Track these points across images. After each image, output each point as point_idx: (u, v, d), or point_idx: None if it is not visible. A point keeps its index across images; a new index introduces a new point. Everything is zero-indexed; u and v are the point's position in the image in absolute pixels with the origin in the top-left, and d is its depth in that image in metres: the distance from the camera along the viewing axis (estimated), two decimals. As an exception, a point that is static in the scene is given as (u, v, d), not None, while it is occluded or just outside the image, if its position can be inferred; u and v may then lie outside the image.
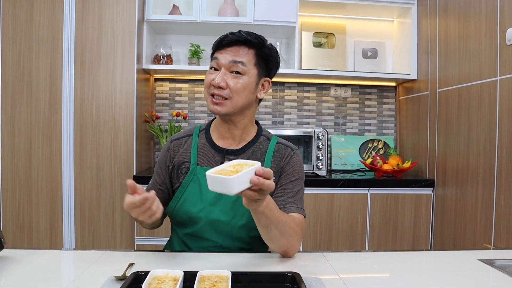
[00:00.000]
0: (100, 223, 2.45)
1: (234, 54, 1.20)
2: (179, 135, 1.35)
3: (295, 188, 1.25)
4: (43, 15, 2.40)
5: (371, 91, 3.20)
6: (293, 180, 1.26)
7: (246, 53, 1.21)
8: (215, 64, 1.22)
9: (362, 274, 1.07)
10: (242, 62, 1.20)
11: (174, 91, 3.06)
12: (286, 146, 1.31)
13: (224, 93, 1.19)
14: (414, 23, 2.86)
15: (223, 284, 0.83)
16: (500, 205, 1.96)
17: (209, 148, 1.28)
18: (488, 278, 1.01)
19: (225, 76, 1.19)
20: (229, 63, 1.19)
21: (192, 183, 1.24)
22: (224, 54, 1.21)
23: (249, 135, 1.30)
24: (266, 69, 1.27)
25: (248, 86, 1.22)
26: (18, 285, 0.91)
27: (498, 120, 1.98)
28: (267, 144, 1.31)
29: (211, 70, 1.23)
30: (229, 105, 1.20)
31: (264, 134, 1.33)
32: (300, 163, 1.30)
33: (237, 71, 1.20)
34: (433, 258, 1.22)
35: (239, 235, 1.25)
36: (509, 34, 1.90)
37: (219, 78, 1.18)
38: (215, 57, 1.22)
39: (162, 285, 0.82)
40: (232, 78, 1.19)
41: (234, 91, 1.19)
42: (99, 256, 1.11)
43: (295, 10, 2.72)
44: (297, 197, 1.24)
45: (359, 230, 2.56)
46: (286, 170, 1.27)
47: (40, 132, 2.41)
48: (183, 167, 1.27)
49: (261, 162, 1.21)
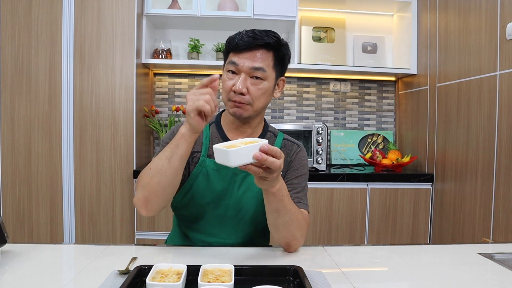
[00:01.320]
0: (100, 217, 2.45)
1: (254, 60, 1.16)
2: None
3: (301, 184, 1.26)
4: (42, 9, 2.38)
5: (371, 85, 3.20)
6: (299, 176, 1.27)
7: (265, 57, 1.18)
8: (234, 68, 1.18)
9: (362, 267, 1.07)
10: (263, 68, 1.17)
11: (174, 86, 3.06)
12: (292, 143, 1.33)
13: (246, 99, 1.17)
14: (414, 18, 2.86)
15: (226, 277, 0.84)
16: (499, 200, 1.97)
17: (220, 140, 1.27)
18: (488, 272, 1.02)
19: (245, 81, 1.17)
20: (250, 69, 1.16)
21: (200, 176, 1.24)
22: (243, 59, 1.17)
23: (256, 131, 1.31)
24: (282, 69, 1.26)
25: (267, 90, 1.21)
26: (22, 279, 0.91)
27: (498, 115, 1.99)
28: (274, 140, 1.32)
29: (228, 73, 1.20)
30: (250, 110, 1.20)
31: (270, 130, 1.34)
32: (305, 160, 1.32)
33: (257, 77, 1.18)
34: (432, 252, 1.23)
35: (244, 229, 1.26)
36: (509, 28, 1.90)
37: (240, 84, 1.15)
38: (233, 61, 1.18)
39: (165, 279, 0.82)
40: (252, 84, 1.17)
41: (255, 97, 1.18)
42: (101, 250, 1.12)
43: (295, 4, 2.71)
44: (303, 193, 1.26)
45: (359, 224, 2.57)
46: (293, 166, 1.28)
47: (40, 127, 2.41)
48: (195, 156, 1.26)
49: None
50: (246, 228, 1.26)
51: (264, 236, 1.26)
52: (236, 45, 1.18)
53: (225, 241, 1.26)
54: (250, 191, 1.24)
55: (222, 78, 1.23)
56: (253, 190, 1.25)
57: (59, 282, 0.91)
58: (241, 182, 1.25)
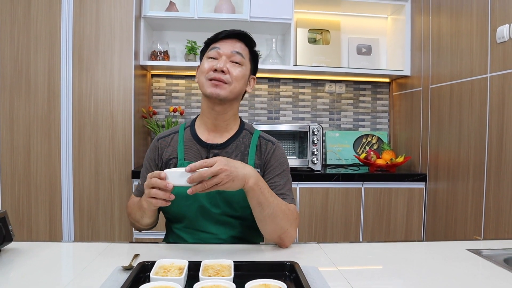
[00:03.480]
0: (98, 217, 2.48)
1: (234, 46, 1.30)
2: (165, 133, 1.41)
3: (282, 181, 1.31)
4: (41, 11, 2.41)
5: (365, 87, 3.25)
6: (279, 174, 1.32)
7: (243, 48, 1.33)
8: (215, 53, 1.29)
9: (356, 263, 1.12)
10: (242, 54, 1.30)
11: (171, 87, 3.09)
12: (267, 141, 1.37)
13: (225, 77, 1.26)
14: (408, 20, 2.91)
15: (225, 272, 0.88)
16: (489, 199, 2.02)
17: (194, 144, 1.34)
18: (475, 267, 1.07)
19: (226, 62, 1.27)
20: (231, 52, 1.29)
21: None
22: (224, 44, 1.30)
23: (232, 128, 1.37)
24: (255, 68, 1.39)
25: (244, 76, 1.31)
26: (29, 276, 0.95)
27: (488, 116, 2.04)
28: (250, 138, 1.36)
29: (208, 59, 1.30)
30: (228, 89, 1.27)
31: (246, 128, 1.39)
32: (283, 156, 1.37)
33: (236, 61, 1.29)
34: (423, 248, 1.28)
35: (231, 222, 1.30)
36: (499, 32, 1.95)
37: (221, 63, 1.26)
38: (216, 47, 1.30)
39: (168, 274, 0.86)
40: (232, 66, 1.28)
41: (234, 77, 1.28)
42: (104, 247, 1.15)
43: (291, 7, 2.76)
44: (286, 188, 1.31)
45: (353, 223, 2.62)
46: (271, 165, 1.33)
47: (39, 127, 2.44)
48: (171, 163, 1.33)
49: (245, 156, 1.31)
50: (233, 221, 1.30)
51: (256, 231, 1.31)
52: (218, 35, 1.31)
53: (217, 236, 1.29)
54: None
55: (201, 65, 1.33)
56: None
57: (65, 277, 0.94)
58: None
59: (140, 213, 1.22)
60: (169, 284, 0.77)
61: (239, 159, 1.31)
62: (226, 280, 0.79)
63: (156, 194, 1.05)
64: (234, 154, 1.32)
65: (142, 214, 1.21)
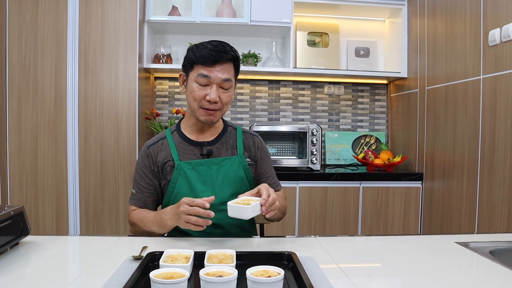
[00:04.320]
0: (104, 216, 2.55)
1: (223, 72, 1.37)
2: (153, 140, 1.52)
3: (272, 169, 1.57)
4: (48, 16, 2.49)
5: (364, 88, 3.33)
6: (268, 163, 1.56)
7: (230, 69, 1.39)
8: (205, 81, 1.35)
9: (350, 253, 1.19)
10: (230, 79, 1.39)
11: (174, 89, 3.17)
12: (251, 134, 1.56)
13: (217, 106, 1.38)
14: (405, 23, 2.98)
15: (228, 260, 0.95)
16: (483, 196, 2.09)
17: (186, 144, 1.46)
18: (461, 257, 1.14)
19: (217, 91, 1.36)
20: (221, 81, 1.36)
21: (180, 178, 1.42)
22: (214, 72, 1.35)
23: (218, 127, 1.51)
24: (236, 75, 1.47)
25: (232, 96, 1.44)
26: (47, 265, 1.02)
27: (481, 117, 2.11)
28: (235, 133, 1.53)
29: (198, 85, 1.36)
30: (219, 115, 1.42)
31: (230, 125, 1.55)
32: (265, 146, 1.60)
33: (225, 88, 1.39)
34: (414, 241, 1.35)
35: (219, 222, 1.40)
36: (491, 35, 2.02)
37: (214, 94, 1.35)
38: (205, 75, 1.35)
39: (175, 262, 0.94)
40: (222, 93, 1.38)
41: (225, 103, 1.41)
42: (115, 240, 1.23)
43: (290, 10, 2.83)
44: (273, 176, 1.58)
45: (352, 221, 2.69)
46: (262, 157, 1.54)
47: (46, 129, 2.51)
48: (167, 166, 1.43)
49: (235, 149, 1.46)
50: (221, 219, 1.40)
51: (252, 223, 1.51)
52: (205, 59, 1.34)
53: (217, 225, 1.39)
54: (227, 179, 1.43)
55: (190, 87, 1.38)
56: (229, 178, 1.43)
57: (81, 266, 1.02)
58: (217, 173, 1.42)
59: (157, 228, 1.31)
60: (177, 270, 0.84)
61: (229, 152, 1.46)
62: (229, 267, 0.86)
63: (197, 221, 1.16)
64: (224, 148, 1.47)
65: (160, 229, 1.30)
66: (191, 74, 1.39)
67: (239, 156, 1.46)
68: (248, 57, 3.01)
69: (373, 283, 0.96)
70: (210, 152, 1.43)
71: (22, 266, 1.01)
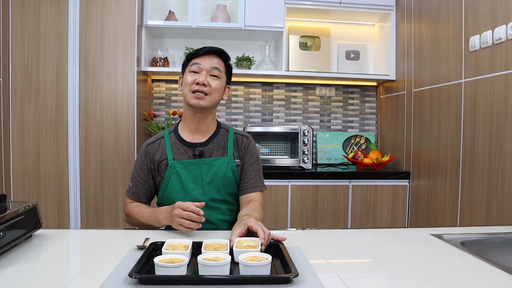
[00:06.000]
0: (104, 213, 2.66)
1: (212, 62, 1.54)
2: (152, 140, 1.65)
3: (255, 169, 1.61)
4: (50, 21, 2.59)
5: (354, 90, 3.45)
6: (252, 163, 1.61)
7: (220, 63, 1.57)
8: (196, 68, 1.53)
9: (333, 243, 1.30)
10: (219, 68, 1.55)
11: (170, 91, 3.28)
12: (242, 136, 1.65)
13: (206, 89, 1.51)
14: (393, 28, 3.10)
15: (223, 249, 1.06)
16: (464, 193, 2.22)
17: (181, 145, 1.58)
18: (434, 247, 1.25)
19: (206, 76, 1.51)
20: (210, 68, 1.53)
21: (172, 176, 1.54)
22: (204, 60, 1.53)
23: (211, 129, 1.62)
24: (229, 79, 1.63)
25: (221, 88, 1.57)
26: (60, 255, 1.13)
27: (463, 119, 2.23)
28: (227, 135, 1.63)
29: (190, 73, 1.54)
30: (208, 100, 1.52)
31: (223, 127, 1.66)
32: (255, 147, 1.67)
33: (215, 75, 1.53)
34: (392, 233, 1.47)
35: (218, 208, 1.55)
36: (471, 41, 2.15)
37: (202, 78, 1.50)
38: (197, 62, 1.53)
39: (176, 250, 1.05)
40: (212, 79, 1.53)
41: (213, 89, 1.52)
42: (119, 233, 1.34)
43: (283, 15, 2.95)
44: (257, 176, 1.61)
45: (342, 218, 2.81)
46: (246, 156, 1.61)
47: (48, 130, 2.61)
48: (162, 164, 1.56)
49: (225, 150, 1.57)
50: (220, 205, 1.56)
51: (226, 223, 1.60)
52: (198, 52, 1.55)
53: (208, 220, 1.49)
54: (216, 179, 1.55)
55: (185, 79, 1.56)
56: (218, 178, 1.54)
57: (90, 255, 1.12)
58: (207, 172, 1.54)
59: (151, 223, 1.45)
60: (178, 256, 0.96)
61: (220, 153, 1.58)
62: (224, 253, 0.98)
63: (189, 225, 1.27)
64: (216, 149, 1.58)
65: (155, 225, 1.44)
66: (187, 69, 1.56)
67: (229, 157, 1.57)
68: (242, 60, 3.11)
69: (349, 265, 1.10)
70: (202, 153, 1.55)
71: (37, 255, 1.11)
